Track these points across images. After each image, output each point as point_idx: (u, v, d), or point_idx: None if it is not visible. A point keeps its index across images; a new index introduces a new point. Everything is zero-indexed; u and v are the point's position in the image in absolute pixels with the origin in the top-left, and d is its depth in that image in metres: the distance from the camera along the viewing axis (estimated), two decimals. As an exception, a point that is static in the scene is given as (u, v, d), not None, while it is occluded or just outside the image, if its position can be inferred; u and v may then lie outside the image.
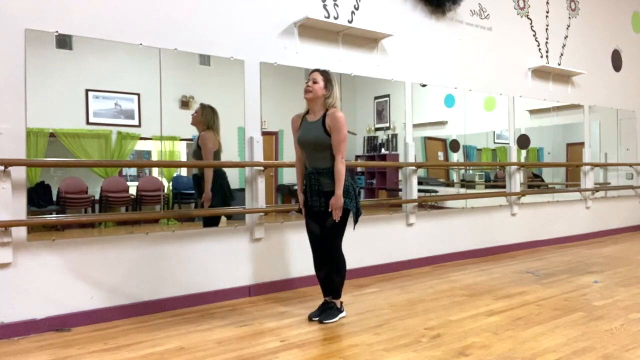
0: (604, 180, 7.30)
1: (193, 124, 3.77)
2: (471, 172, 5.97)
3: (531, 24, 6.23)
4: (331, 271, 3.20)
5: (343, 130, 3.04)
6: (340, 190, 3.03)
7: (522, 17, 6.13)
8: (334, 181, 3.06)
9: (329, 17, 4.37)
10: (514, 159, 5.92)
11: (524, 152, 6.10)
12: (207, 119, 3.79)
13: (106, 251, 3.30)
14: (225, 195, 3.88)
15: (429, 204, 5.11)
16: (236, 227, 3.87)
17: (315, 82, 3.10)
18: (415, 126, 5.01)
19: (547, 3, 6.44)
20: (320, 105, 3.13)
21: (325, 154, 3.10)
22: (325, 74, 3.16)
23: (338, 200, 3.03)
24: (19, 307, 2.99)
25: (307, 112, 3.23)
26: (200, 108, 3.77)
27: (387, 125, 4.93)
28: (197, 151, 3.80)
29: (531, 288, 4.04)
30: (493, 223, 5.68)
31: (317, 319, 3.20)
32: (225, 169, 3.91)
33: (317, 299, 3.70)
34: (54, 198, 3.25)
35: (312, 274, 4.11)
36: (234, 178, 3.97)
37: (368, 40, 4.64)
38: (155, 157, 3.62)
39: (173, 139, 3.66)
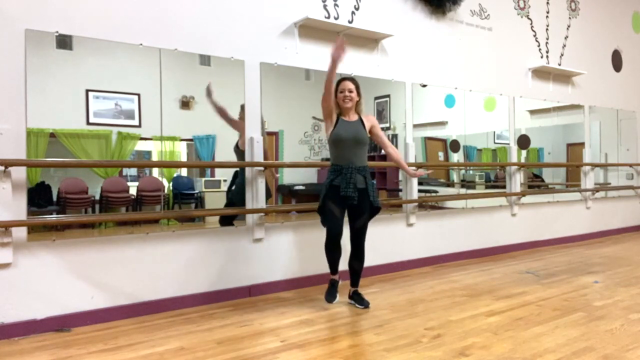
0: (604, 180, 7.30)
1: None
2: (471, 172, 5.97)
3: (531, 24, 6.23)
4: (360, 262, 3.54)
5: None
6: (405, 164, 3.68)
7: (522, 17, 6.13)
8: (366, 179, 3.43)
9: (329, 17, 4.37)
10: (514, 159, 5.92)
11: (524, 152, 6.10)
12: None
13: (106, 251, 3.29)
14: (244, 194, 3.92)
15: (429, 204, 5.12)
16: (236, 227, 3.87)
17: (350, 91, 3.42)
18: (415, 126, 5.01)
19: (547, 3, 6.44)
20: (353, 110, 3.48)
21: (364, 150, 3.46)
22: (355, 82, 3.48)
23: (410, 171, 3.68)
24: (19, 307, 2.99)
25: (339, 113, 3.47)
26: (240, 109, 3.89)
27: (387, 125, 4.93)
28: (236, 150, 3.92)
29: (531, 288, 4.04)
30: (493, 223, 5.68)
31: (361, 306, 3.48)
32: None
33: (317, 299, 3.70)
34: (54, 198, 3.25)
35: (312, 274, 4.14)
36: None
37: (368, 40, 4.64)
38: (155, 157, 3.62)
39: (173, 139, 3.66)
